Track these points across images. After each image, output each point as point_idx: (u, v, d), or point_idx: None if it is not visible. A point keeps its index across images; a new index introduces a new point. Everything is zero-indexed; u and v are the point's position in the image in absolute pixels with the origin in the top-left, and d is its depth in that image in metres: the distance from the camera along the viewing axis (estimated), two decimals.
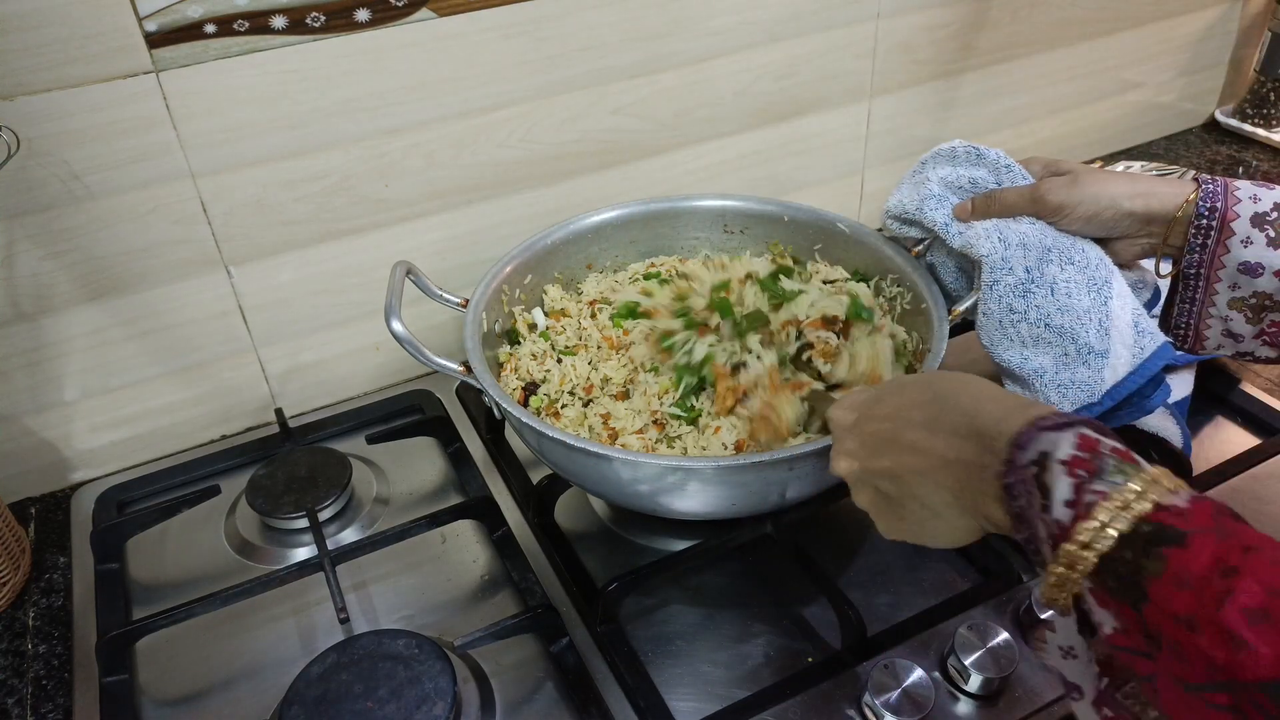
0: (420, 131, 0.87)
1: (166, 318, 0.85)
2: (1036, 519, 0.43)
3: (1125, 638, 0.39)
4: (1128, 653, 0.40)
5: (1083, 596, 0.41)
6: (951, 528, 0.52)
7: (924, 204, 0.78)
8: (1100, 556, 0.40)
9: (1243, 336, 0.71)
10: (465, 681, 0.66)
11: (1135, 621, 0.39)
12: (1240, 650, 0.34)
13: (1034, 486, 0.43)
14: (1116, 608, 0.39)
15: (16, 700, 0.70)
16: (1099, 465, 0.42)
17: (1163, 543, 0.38)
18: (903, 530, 0.55)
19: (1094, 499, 0.41)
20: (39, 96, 0.72)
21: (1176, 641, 0.36)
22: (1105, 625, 0.40)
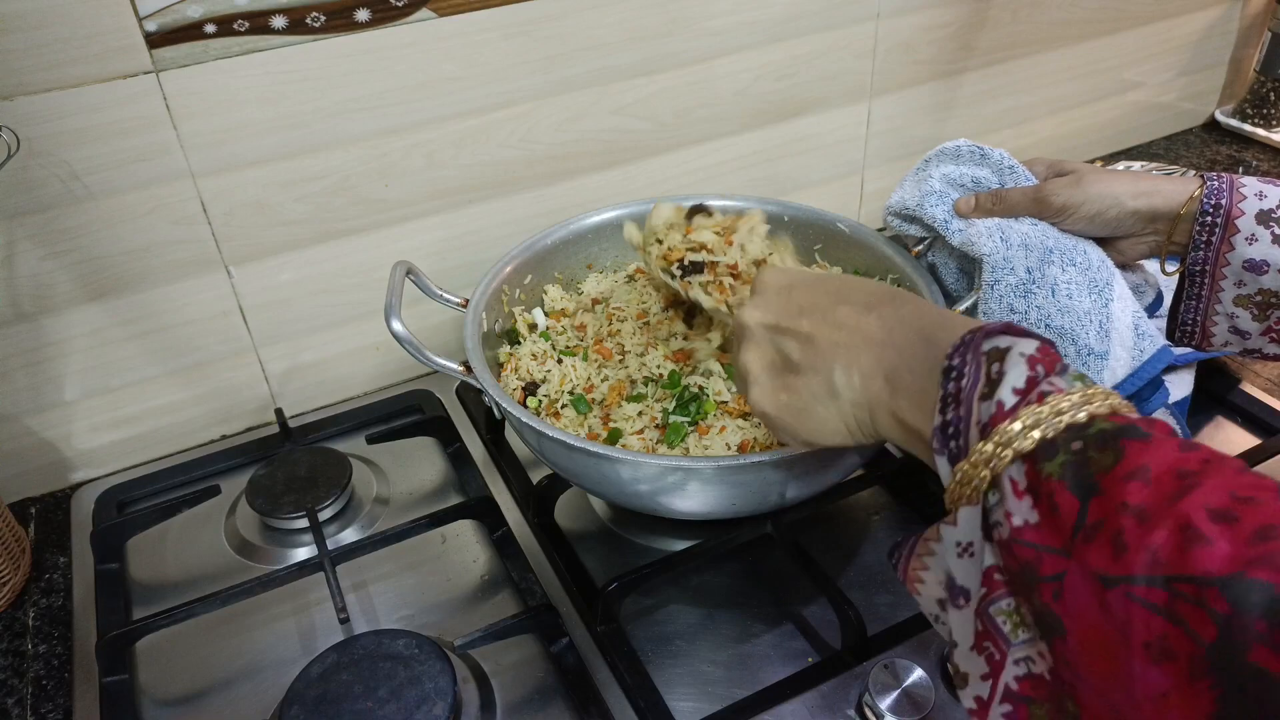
0: (420, 131, 0.87)
1: (166, 318, 0.85)
2: (973, 399, 0.41)
3: (1037, 532, 0.37)
4: (1034, 549, 0.37)
5: (996, 488, 0.39)
6: (833, 418, 0.50)
7: (925, 200, 0.78)
8: (1040, 443, 0.38)
9: (1249, 333, 0.70)
10: (465, 681, 0.66)
11: (1056, 515, 0.36)
12: (1196, 543, 0.32)
13: (982, 369, 0.42)
14: (1046, 495, 0.37)
15: (16, 700, 0.70)
16: (1059, 368, 0.41)
17: (1122, 436, 0.37)
18: (779, 404, 0.53)
19: (1049, 389, 0.39)
20: (39, 96, 0.72)
21: (1118, 532, 0.34)
22: (1016, 517, 0.38)
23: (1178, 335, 0.74)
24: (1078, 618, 0.35)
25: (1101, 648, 0.34)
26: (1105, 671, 0.34)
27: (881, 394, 0.48)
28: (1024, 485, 0.38)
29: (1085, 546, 0.35)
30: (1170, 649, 0.32)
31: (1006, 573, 0.39)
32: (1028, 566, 0.37)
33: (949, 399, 0.43)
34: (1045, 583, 0.36)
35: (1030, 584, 0.37)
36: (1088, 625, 0.34)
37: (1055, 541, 0.36)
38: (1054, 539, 0.36)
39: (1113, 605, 0.33)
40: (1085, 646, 0.35)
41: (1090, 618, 0.34)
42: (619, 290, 0.90)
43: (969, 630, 0.41)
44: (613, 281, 0.92)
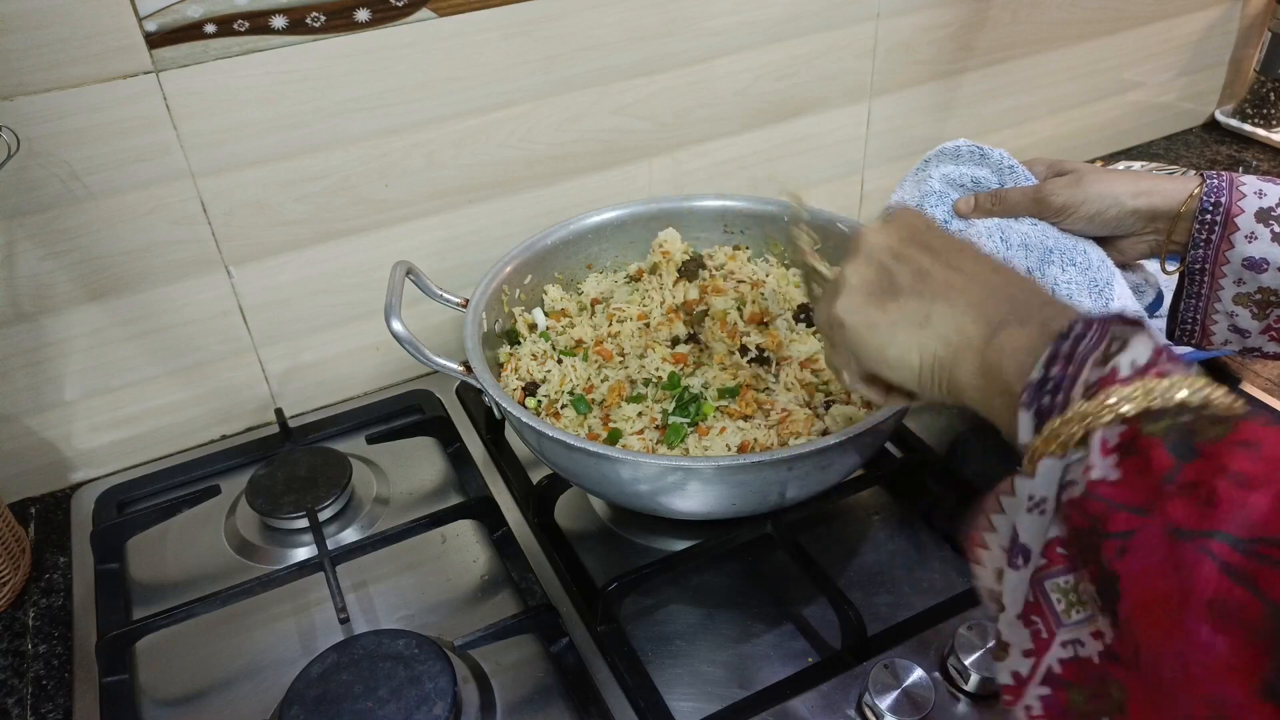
0: (420, 131, 0.87)
1: (166, 318, 0.85)
2: (1086, 360, 0.40)
3: (1115, 489, 0.35)
4: (1107, 504, 0.35)
5: (1083, 445, 0.37)
6: (911, 350, 0.49)
7: (924, 201, 0.78)
8: (1147, 410, 0.36)
9: (1249, 332, 0.70)
10: (465, 681, 0.66)
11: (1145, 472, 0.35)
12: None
13: (1105, 340, 0.40)
14: (1140, 450, 0.35)
15: (16, 700, 0.70)
16: (1183, 364, 0.39)
17: (1238, 417, 0.35)
18: (861, 318, 0.52)
19: (1170, 369, 0.38)
20: (39, 96, 0.72)
21: (1210, 490, 0.32)
22: (1096, 471, 0.36)
23: (1177, 334, 0.74)
24: (1139, 576, 0.33)
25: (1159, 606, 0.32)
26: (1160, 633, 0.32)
27: (976, 338, 0.46)
28: (1115, 443, 0.36)
29: (1168, 501, 0.33)
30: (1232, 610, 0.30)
31: (1070, 541, 0.38)
32: (1096, 522, 0.35)
33: (1057, 356, 0.41)
34: (1111, 539, 0.35)
35: (1095, 543, 0.35)
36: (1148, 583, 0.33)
37: (1135, 498, 0.35)
38: (1134, 496, 0.35)
39: (1181, 559, 0.32)
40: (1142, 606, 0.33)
41: (1153, 574, 0.33)
42: (619, 291, 0.90)
43: (1020, 596, 0.39)
44: (613, 282, 0.92)
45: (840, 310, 0.53)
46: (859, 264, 0.54)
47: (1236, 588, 0.30)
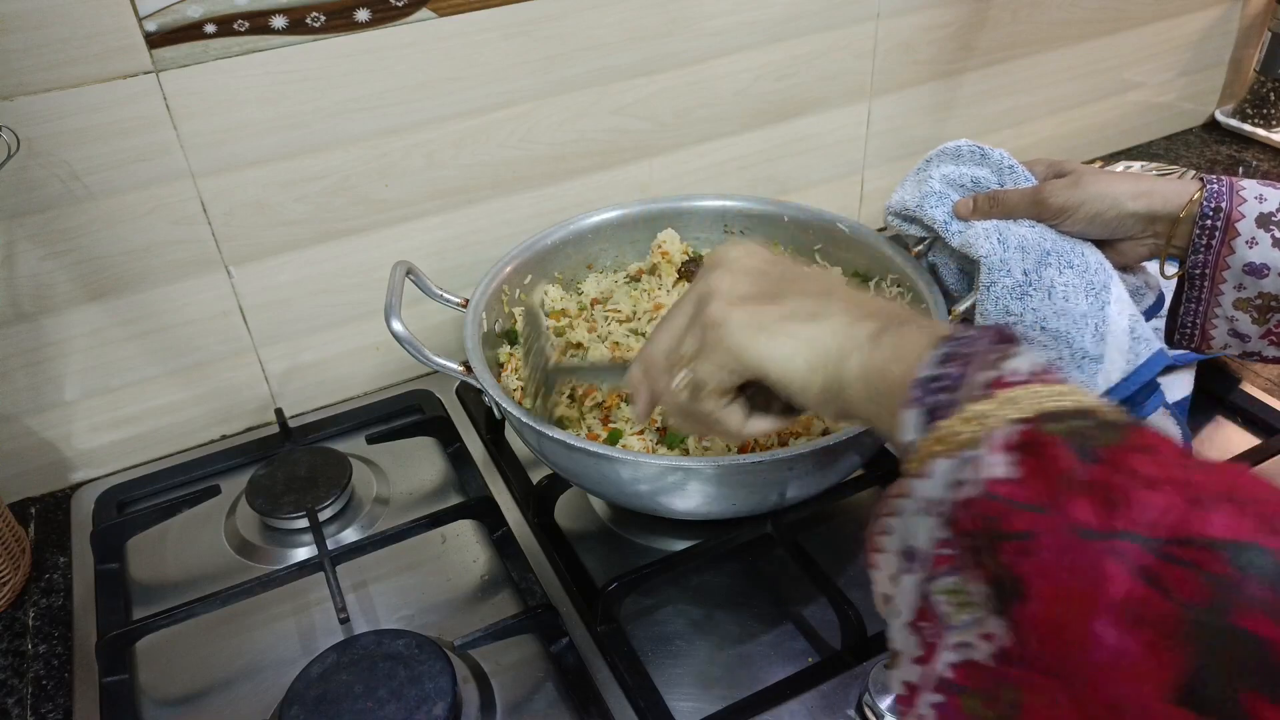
0: (420, 131, 0.87)
1: (166, 318, 0.85)
2: (979, 361, 0.39)
3: (1015, 487, 0.35)
4: (1005, 503, 0.35)
5: (975, 445, 0.37)
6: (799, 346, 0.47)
7: (925, 200, 0.78)
8: (1044, 412, 0.36)
9: (1249, 336, 0.70)
10: (465, 681, 0.66)
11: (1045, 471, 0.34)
12: (1202, 509, 0.31)
13: (994, 345, 0.40)
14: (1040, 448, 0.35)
15: (16, 700, 0.70)
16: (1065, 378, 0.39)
17: (1131, 424, 0.35)
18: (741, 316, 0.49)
19: (1060, 377, 0.38)
20: (39, 96, 0.72)
21: (1116, 489, 0.32)
22: (994, 469, 0.35)
23: (1176, 337, 0.74)
24: (1045, 576, 0.32)
25: (1066, 607, 0.32)
26: (1067, 635, 0.32)
27: (863, 336, 0.45)
28: (1015, 442, 0.36)
29: (1073, 500, 0.33)
30: (1143, 612, 0.30)
31: (958, 541, 0.36)
32: (990, 523, 0.34)
33: (950, 356, 0.41)
34: (1009, 540, 0.34)
35: (990, 544, 0.34)
36: (1054, 584, 0.32)
37: (1037, 497, 0.34)
38: (1036, 494, 0.34)
39: (1089, 559, 0.32)
40: (1047, 609, 0.32)
41: (1058, 574, 0.32)
42: (619, 291, 0.90)
43: (912, 602, 0.38)
44: (613, 282, 0.92)
45: (717, 311, 0.50)
46: (723, 274, 0.51)
47: (1148, 589, 0.30)
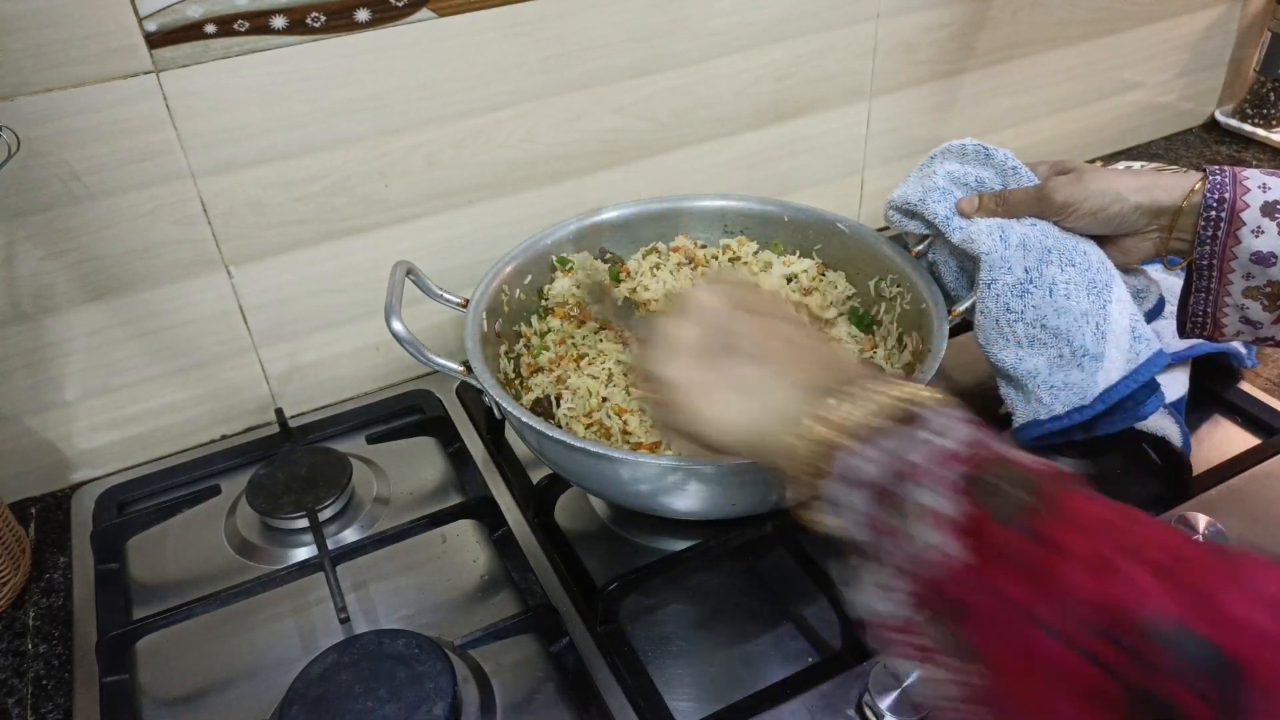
0: (420, 131, 0.87)
1: (166, 318, 0.85)
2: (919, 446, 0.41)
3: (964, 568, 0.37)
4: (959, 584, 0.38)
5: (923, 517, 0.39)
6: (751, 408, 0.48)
7: (928, 195, 0.78)
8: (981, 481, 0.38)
9: (1261, 323, 0.70)
10: (465, 681, 0.66)
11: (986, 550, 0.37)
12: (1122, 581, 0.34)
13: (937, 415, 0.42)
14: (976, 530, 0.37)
15: (16, 700, 0.70)
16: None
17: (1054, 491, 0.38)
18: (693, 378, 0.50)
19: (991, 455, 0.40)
20: (39, 96, 0.72)
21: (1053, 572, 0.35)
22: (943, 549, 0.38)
23: (1189, 326, 0.73)
24: (997, 653, 0.36)
25: (1021, 681, 0.35)
26: (1026, 701, 0.35)
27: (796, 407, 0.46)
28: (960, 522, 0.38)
29: (1010, 577, 0.36)
30: (1091, 690, 0.33)
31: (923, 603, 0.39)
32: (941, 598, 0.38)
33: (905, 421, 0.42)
34: (965, 617, 0.37)
35: (944, 616, 0.38)
36: (1008, 660, 0.35)
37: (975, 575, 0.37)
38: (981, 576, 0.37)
39: (1033, 640, 0.34)
40: (1004, 679, 0.35)
41: (1011, 653, 0.35)
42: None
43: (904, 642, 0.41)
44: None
45: (668, 369, 0.51)
46: (687, 323, 0.52)
47: (1091, 668, 0.33)
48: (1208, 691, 0.31)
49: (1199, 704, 0.31)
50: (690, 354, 0.51)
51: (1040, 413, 0.73)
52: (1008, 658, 0.35)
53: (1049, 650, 0.34)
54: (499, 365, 0.82)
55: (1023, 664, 0.35)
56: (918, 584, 0.38)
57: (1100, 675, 0.33)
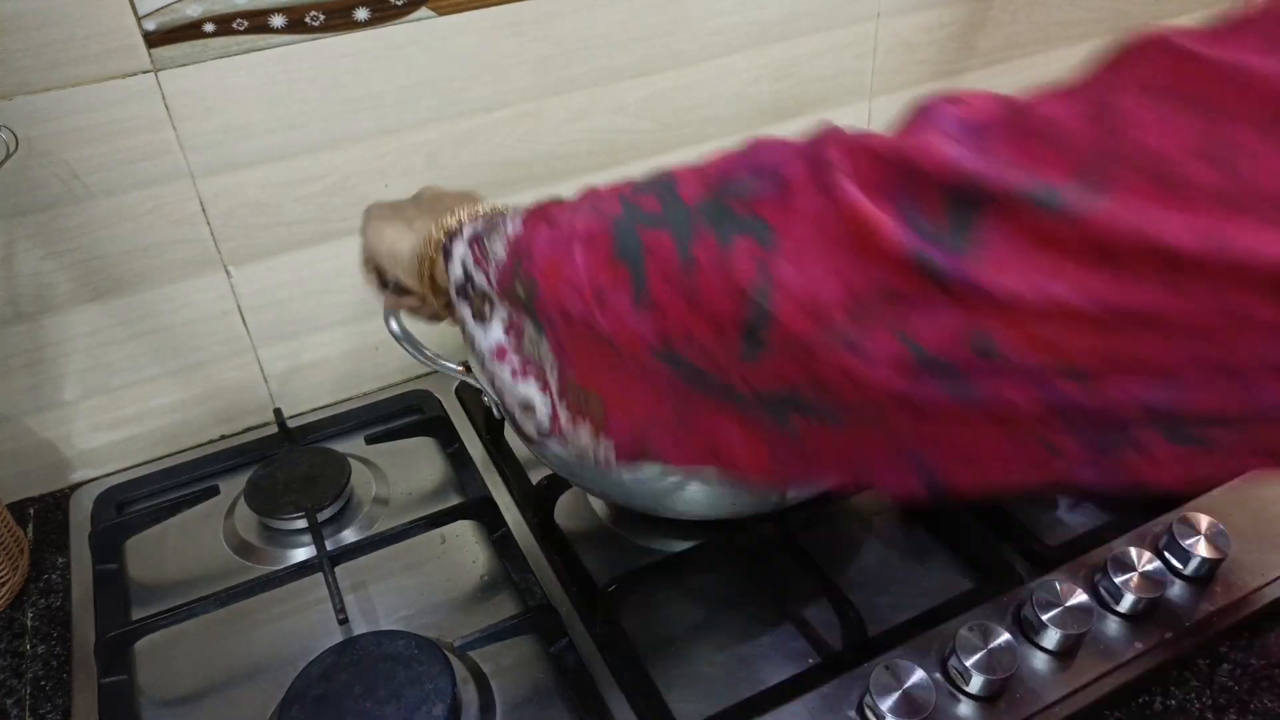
0: (420, 131, 0.87)
1: (166, 318, 0.85)
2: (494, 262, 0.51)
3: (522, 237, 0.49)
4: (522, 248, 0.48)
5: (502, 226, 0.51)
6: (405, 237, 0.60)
7: None
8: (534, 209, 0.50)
9: None
10: (465, 682, 0.66)
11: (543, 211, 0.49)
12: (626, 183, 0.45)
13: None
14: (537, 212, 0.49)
15: (15, 701, 0.70)
16: None
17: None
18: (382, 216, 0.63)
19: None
20: (38, 96, 0.72)
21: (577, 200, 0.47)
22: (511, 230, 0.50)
23: None
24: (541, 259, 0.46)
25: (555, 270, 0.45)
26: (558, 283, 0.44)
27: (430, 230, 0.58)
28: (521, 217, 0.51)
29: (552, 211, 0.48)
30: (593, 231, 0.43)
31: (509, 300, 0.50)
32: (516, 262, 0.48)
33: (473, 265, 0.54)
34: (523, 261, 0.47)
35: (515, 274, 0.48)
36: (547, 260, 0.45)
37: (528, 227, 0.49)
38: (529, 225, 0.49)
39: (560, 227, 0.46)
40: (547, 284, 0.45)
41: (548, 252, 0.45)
42: None
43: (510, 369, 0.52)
44: None
45: (369, 210, 0.65)
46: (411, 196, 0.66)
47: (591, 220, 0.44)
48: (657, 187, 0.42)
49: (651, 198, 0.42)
50: (390, 204, 0.64)
51: None
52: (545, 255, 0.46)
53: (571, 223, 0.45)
54: None
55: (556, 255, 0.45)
56: (497, 280, 0.49)
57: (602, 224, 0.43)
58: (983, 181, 0.31)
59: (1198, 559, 0.71)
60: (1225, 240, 0.27)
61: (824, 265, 0.34)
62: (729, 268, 0.37)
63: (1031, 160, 0.31)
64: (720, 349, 0.38)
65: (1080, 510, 0.80)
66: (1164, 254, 0.28)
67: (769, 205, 0.37)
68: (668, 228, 0.39)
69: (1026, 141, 0.32)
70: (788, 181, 0.36)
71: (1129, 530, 0.76)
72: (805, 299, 0.35)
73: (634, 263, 0.40)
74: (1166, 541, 0.72)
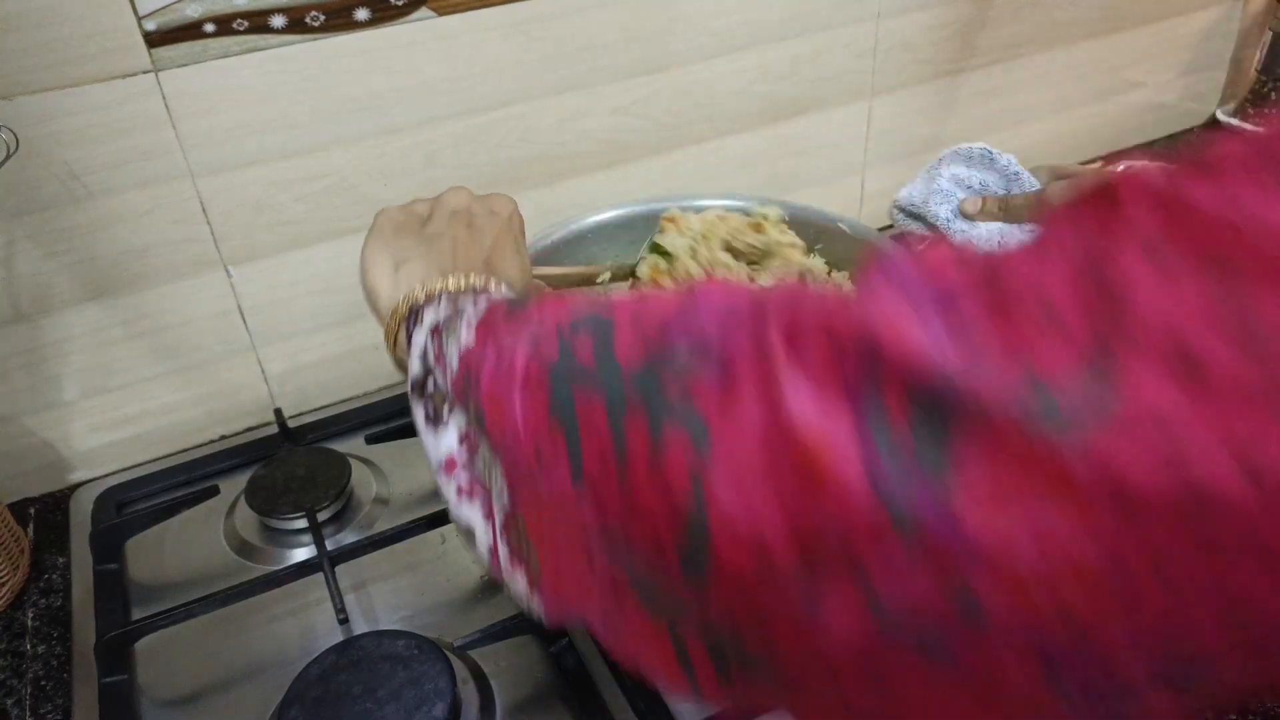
0: (420, 131, 0.87)
1: (166, 318, 0.85)
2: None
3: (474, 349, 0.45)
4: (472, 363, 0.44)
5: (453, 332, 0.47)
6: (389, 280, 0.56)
7: (930, 198, 0.78)
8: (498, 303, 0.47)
9: None
10: (465, 682, 0.66)
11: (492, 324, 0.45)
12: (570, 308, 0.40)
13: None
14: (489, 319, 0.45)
15: (15, 701, 0.70)
16: None
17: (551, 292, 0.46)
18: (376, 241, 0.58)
19: None
20: (38, 96, 0.72)
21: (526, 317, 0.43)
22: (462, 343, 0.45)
23: None
24: (488, 393, 0.41)
25: (499, 404, 0.40)
26: (501, 417, 0.40)
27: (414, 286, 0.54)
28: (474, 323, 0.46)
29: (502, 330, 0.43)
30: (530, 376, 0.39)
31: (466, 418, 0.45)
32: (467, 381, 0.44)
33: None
34: (473, 383, 0.43)
35: (467, 393, 0.43)
36: (492, 391, 0.41)
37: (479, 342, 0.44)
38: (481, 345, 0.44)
39: (503, 362, 0.41)
40: (493, 412, 0.40)
41: (493, 382, 0.41)
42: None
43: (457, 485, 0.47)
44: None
45: (376, 218, 0.59)
46: (425, 202, 0.60)
47: (530, 362, 0.39)
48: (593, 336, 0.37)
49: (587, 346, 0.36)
50: (397, 216, 0.59)
51: None
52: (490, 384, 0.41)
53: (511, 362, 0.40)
54: None
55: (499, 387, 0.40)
56: (452, 386, 0.45)
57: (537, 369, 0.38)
58: (959, 386, 0.24)
59: None
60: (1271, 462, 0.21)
61: (765, 492, 0.27)
62: (660, 466, 0.30)
63: (1016, 348, 0.24)
64: (660, 564, 0.31)
65: None
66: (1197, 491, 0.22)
67: (704, 394, 0.30)
68: (600, 392, 0.34)
69: (1008, 320, 0.25)
70: (728, 363, 0.30)
71: None
72: (745, 532, 0.28)
73: (569, 428, 0.35)
74: None
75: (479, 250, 0.57)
